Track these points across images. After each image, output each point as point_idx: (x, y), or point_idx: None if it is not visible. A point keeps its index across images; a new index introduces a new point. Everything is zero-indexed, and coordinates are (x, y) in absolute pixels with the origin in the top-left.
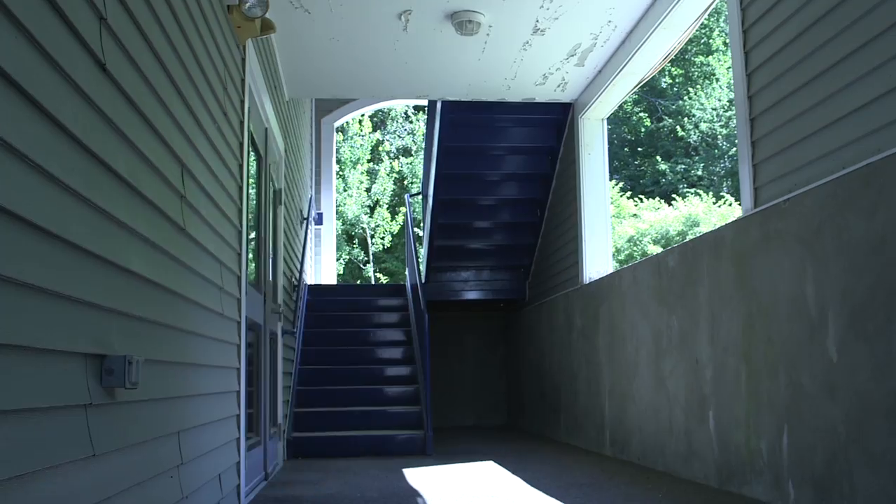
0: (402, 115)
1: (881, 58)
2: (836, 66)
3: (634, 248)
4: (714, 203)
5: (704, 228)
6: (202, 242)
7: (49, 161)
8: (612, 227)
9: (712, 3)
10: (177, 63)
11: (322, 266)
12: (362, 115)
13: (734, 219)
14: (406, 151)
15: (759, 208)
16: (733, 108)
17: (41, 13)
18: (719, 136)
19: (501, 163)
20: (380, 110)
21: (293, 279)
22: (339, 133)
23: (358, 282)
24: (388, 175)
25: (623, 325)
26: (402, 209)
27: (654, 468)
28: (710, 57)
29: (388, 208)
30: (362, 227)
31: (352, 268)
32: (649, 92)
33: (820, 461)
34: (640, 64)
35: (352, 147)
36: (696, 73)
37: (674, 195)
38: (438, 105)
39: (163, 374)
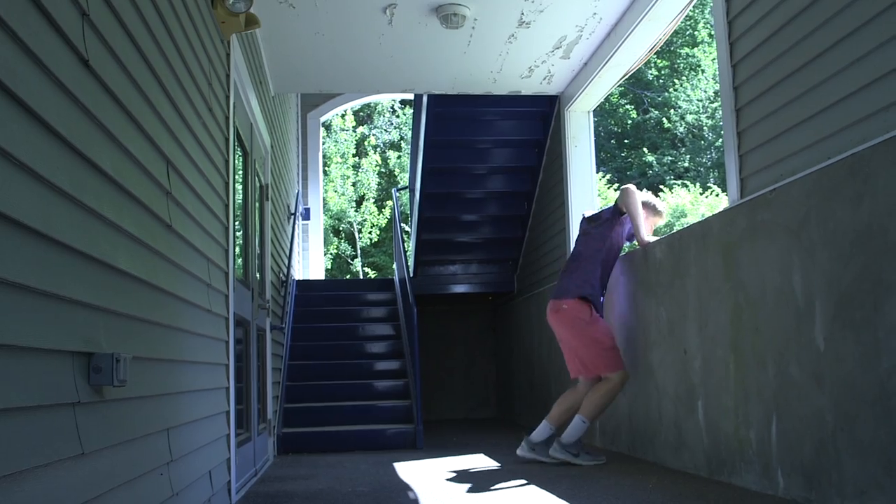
0: (389, 109)
1: (865, 48)
2: (822, 55)
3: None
4: (701, 194)
5: (691, 219)
6: (189, 239)
7: (33, 158)
8: None
9: None
10: (161, 59)
11: (310, 261)
12: (345, 111)
13: (721, 209)
14: (393, 146)
15: (745, 199)
16: (719, 99)
17: (23, 8)
18: (705, 128)
19: (488, 156)
20: (366, 105)
21: (281, 275)
22: (324, 129)
23: (346, 277)
24: (373, 169)
25: (611, 316)
26: (390, 203)
27: (644, 459)
28: (696, 48)
29: (375, 202)
30: (349, 222)
31: (340, 262)
32: (635, 84)
33: (809, 450)
34: (626, 56)
35: (336, 142)
36: (682, 65)
37: (661, 186)
38: (424, 99)
39: (151, 371)
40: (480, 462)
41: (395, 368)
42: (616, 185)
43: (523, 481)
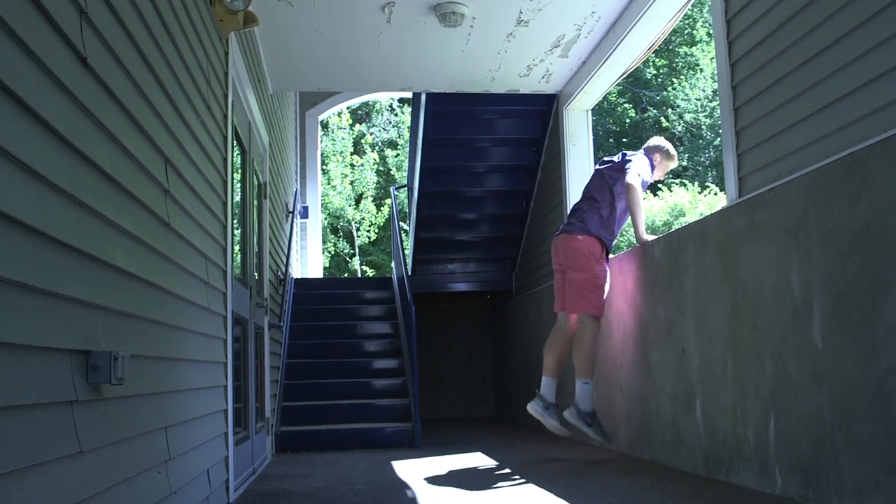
0: (388, 107)
1: (864, 47)
2: (820, 54)
3: (620, 239)
4: (699, 193)
5: (690, 218)
6: (187, 237)
7: (31, 156)
8: None
9: None
10: (159, 57)
11: (308, 259)
12: (341, 111)
13: (719, 208)
14: (392, 144)
15: (743, 198)
16: (717, 98)
17: (21, 6)
18: (704, 127)
19: (487, 154)
20: (365, 103)
21: (279, 273)
22: (322, 127)
23: (345, 275)
24: (371, 167)
25: (610, 314)
26: (388, 201)
27: (642, 457)
28: (694, 48)
29: (373, 201)
30: (347, 220)
31: (338, 261)
32: (634, 83)
33: (806, 448)
34: (625, 55)
35: (333, 140)
36: (681, 64)
37: (659, 185)
38: (423, 97)
39: (149, 369)
40: (479, 460)
41: (393, 367)
42: None
43: (521, 480)
